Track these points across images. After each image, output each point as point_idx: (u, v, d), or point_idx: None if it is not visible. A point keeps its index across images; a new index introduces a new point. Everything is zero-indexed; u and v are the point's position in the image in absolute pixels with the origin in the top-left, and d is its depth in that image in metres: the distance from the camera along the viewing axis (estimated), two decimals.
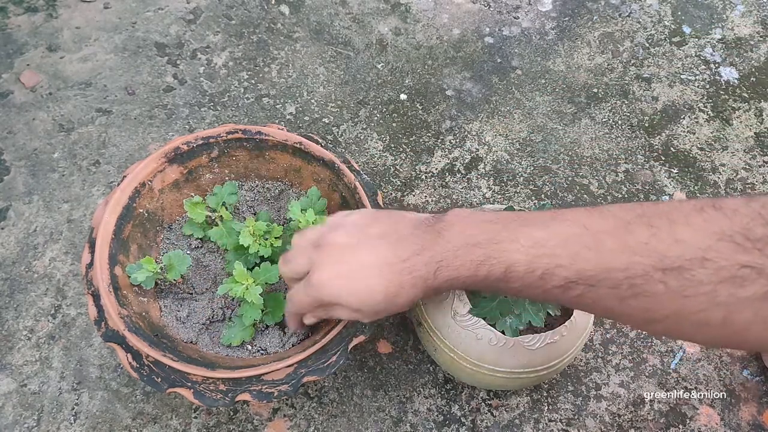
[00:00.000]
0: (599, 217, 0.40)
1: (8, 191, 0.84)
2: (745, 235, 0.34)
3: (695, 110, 1.00)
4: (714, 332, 0.37)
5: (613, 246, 0.38)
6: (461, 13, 1.08)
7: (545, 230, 0.41)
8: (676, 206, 0.38)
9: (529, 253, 0.41)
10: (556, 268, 0.40)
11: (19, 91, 0.93)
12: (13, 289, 0.77)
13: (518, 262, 0.42)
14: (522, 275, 0.42)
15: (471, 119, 0.96)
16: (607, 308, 0.40)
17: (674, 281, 0.36)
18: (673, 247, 0.36)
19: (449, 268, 0.45)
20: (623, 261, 0.38)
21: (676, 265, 0.36)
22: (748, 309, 0.34)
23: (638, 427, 0.73)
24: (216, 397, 0.57)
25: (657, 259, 0.36)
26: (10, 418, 0.69)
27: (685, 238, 0.36)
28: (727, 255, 0.34)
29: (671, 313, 0.37)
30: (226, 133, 0.69)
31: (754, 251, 0.34)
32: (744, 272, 0.34)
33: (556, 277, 0.41)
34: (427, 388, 0.74)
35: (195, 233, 0.70)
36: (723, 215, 0.35)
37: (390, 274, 0.46)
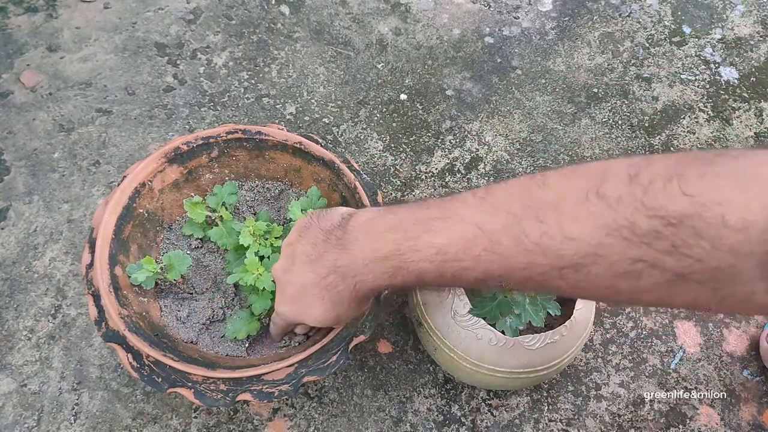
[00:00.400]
0: (491, 212, 0.40)
1: (8, 191, 0.84)
2: (631, 230, 0.34)
3: (695, 110, 1.00)
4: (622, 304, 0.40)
5: (510, 246, 0.39)
6: (461, 13, 1.08)
7: (444, 235, 0.42)
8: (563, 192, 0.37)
9: (434, 260, 0.42)
10: (463, 271, 0.41)
11: (19, 91, 0.93)
12: (13, 289, 0.77)
13: (426, 270, 0.43)
14: (434, 279, 0.44)
15: (471, 119, 0.96)
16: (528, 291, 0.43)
17: (573, 277, 0.37)
18: (565, 244, 0.36)
19: (366, 282, 0.47)
20: (522, 261, 0.38)
21: (572, 263, 0.36)
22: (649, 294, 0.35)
23: (638, 427, 0.73)
24: (217, 397, 0.57)
25: (553, 258, 0.37)
26: (10, 418, 0.69)
27: (575, 234, 0.36)
28: (618, 250, 0.35)
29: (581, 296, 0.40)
30: (226, 133, 0.69)
31: (642, 246, 0.34)
32: (637, 266, 0.34)
33: (466, 277, 0.42)
34: (427, 388, 0.74)
35: (195, 233, 0.70)
36: (607, 206, 0.35)
37: (320, 291, 0.49)
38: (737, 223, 0.31)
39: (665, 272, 0.34)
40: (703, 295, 0.34)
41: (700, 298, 0.34)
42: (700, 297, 0.34)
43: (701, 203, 0.32)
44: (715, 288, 0.33)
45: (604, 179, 0.36)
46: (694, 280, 0.33)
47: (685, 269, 0.33)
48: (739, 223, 0.31)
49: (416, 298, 0.67)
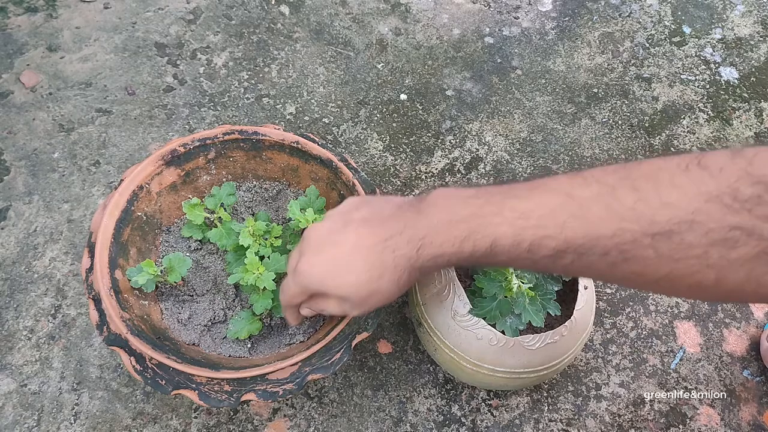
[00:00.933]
0: (583, 183, 0.39)
1: (8, 191, 0.84)
2: (733, 196, 0.33)
3: (695, 110, 1.00)
4: (708, 293, 0.36)
5: (600, 213, 0.37)
6: (461, 13, 1.08)
7: (529, 201, 0.40)
8: (661, 165, 0.37)
9: (515, 225, 0.40)
10: (543, 239, 0.39)
11: (19, 91, 0.93)
12: (13, 289, 0.77)
13: (504, 235, 0.41)
14: (508, 248, 0.41)
15: (471, 119, 0.96)
16: (600, 273, 0.39)
17: (664, 245, 0.35)
18: (660, 210, 0.35)
19: (433, 245, 0.44)
20: (611, 228, 0.37)
21: (665, 230, 0.35)
22: (740, 270, 0.34)
23: (638, 427, 0.73)
24: (221, 397, 0.57)
25: (645, 224, 0.36)
26: (10, 418, 0.69)
27: (672, 200, 0.35)
28: (716, 217, 0.34)
29: (664, 276, 0.37)
30: (223, 134, 0.69)
31: (743, 212, 0.33)
32: (734, 234, 0.33)
33: (544, 248, 0.40)
34: (427, 388, 0.74)
35: (194, 235, 0.70)
36: (709, 174, 0.34)
37: (372, 255, 0.45)
38: None
39: (762, 241, 0.33)
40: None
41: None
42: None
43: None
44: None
45: (705, 155, 0.35)
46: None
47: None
48: None
49: (416, 298, 0.68)
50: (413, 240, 0.44)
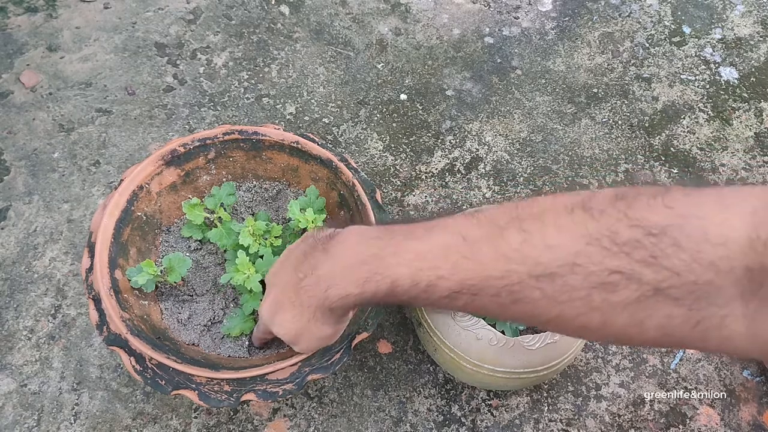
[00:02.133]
0: (476, 224, 0.40)
1: (8, 191, 0.84)
2: (611, 239, 0.34)
3: (695, 110, 1.00)
4: (596, 335, 0.37)
5: (489, 253, 0.38)
6: (461, 13, 1.08)
7: (426, 242, 0.42)
8: (549, 206, 0.38)
9: (412, 266, 0.42)
10: (438, 280, 0.40)
11: (19, 91, 0.93)
12: (13, 289, 0.77)
13: (402, 276, 0.42)
14: (407, 289, 0.42)
15: (471, 119, 0.96)
16: (495, 314, 0.40)
17: (549, 287, 0.36)
18: (544, 253, 0.36)
19: (338, 287, 0.46)
20: (499, 269, 0.38)
21: (549, 272, 0.36)
22: (623, 313, 0.34)
23: (638, 428, 0.73)
24: (221, 398, 0.57)
25: (530, 266, 0.36)
26: (10, 418, 0.69)
27: (556, 242, 0.36)
28: (597, 260, 0.34)
29: (553, 318, 0.37)
30: (223, 134, 0.69)
31: (621, 255, 0.34)
32: (614, 278, 0.34)
33: (439, 288, 0.41)
34: (427, 388, 0.74)
35: (194, 235, 0.70)
36: (590, 217, 0.35)
37: (294, 296, 0.49)
38: (718, 238, 0.32)
39: (642, 285, 0.33)
40: (678, 317, 0.33)
41: (674, 320, 0.33)
42: (674, 319, 0.33)
43: (683, 215, 0.32)
44: (691, 308, 0.33)
45: (591, 197, 0.36)
46: (670, 296, 0.33)
47: (662, 282, 0.33)
48: (719, 237, 0.32)
49: None
50: (321, 281, 0.47)
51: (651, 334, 0.35)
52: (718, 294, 0.32)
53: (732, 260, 0.31)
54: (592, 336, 0.37)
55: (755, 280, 0.31)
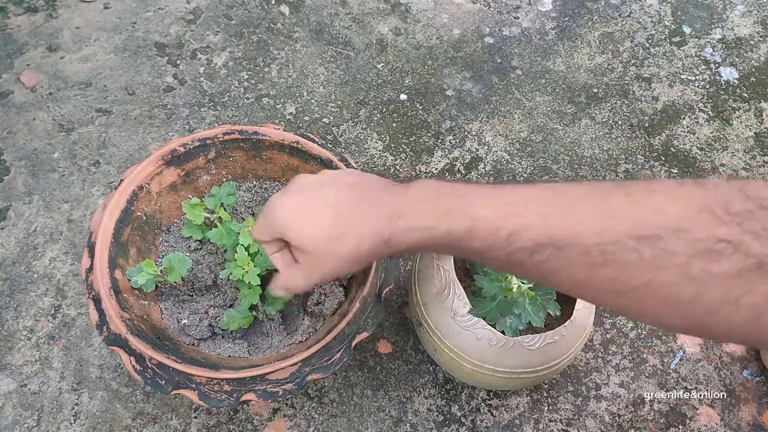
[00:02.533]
0: (576, 184, 0.39)
1: (8, 191, 0.84)
2: (724, 209, 0.33)
3: (695, 110, 1.00)
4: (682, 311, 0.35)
5: (588, 210, 0.36)
6: (461, 13, 1.08)
7: (517, 193, 0.40)
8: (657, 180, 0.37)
9: (498, 209, 0.39)
10: (524, 229, 0.38)
11: (19, 91, 0.93)
12: (13, 289, 0.77)
13: (485, 217, 0.39)
14: (486, 234, 0.39)
15: (471, 119, 0.96)
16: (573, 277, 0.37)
17: (648, 250, 0.34)
18: (649, 215, 0.35)
19: (410, 217, 0.42)
20: (597, 225, 0.36)
21: (651, 234, 0.34)
22: (720, 287, 0.33)
23: (638, 428, 0.73)
24: (221, 397, 0.57)
25: (632, 226, 0.35)
26: (10, 418, 0.69)
27: (663, 207, 0.34)
28: (705, 227, 0.33)
29: (641, 285, 0.35)
30: (223, 134, 0.69)
31: (732, 225, 0.33)
32: (720, 246, 0.33)
33: (523, 239, 0.38)
34: (427, 388, 0.74)
35: (194, 235, 0.70)
36: (704, 190, 0.34)
37: (342, 214, 0.44)
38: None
39: (747, 257, 0.32)
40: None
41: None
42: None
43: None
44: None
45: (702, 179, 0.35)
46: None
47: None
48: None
49: (416, 298, 0.68)
50: (391, 209, 0.43)
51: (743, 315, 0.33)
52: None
53: None
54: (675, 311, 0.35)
55: None
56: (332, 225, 0.44)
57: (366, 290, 0.61)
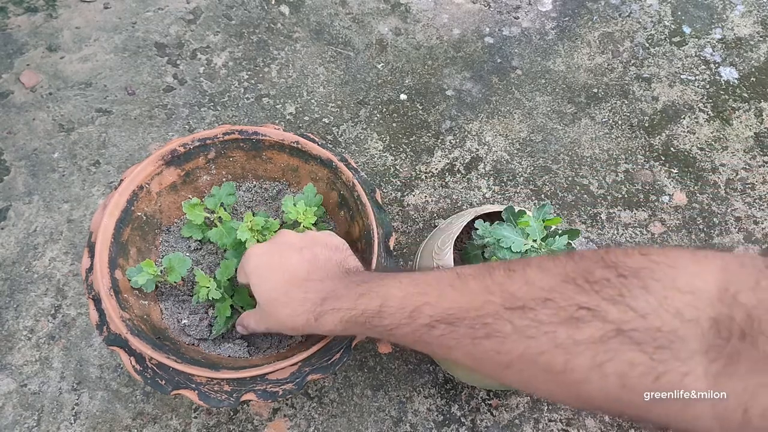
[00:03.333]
0: (471, 267, 0.43)
1: (8, 191, 0.84)
2: (585, 277, 0.35)
3: (695, 110, 1.00)
4: (558, 380, 0.36)
5: (474, 286, 0.41)
6: (461, 13, 1.08)
7: (423, 275, 0.45)
8: (535, 256, 0.41)
9: (405, 290, 0.44)
10: (424, 306, 0.42)
11: (19, 91, 0.93)
12: (13, 289, 0.77)
13: (393, 296, 0.45)
14: (393, 312, 0.44)
15: (471, 119, 0.96)
16: (466, 352, 0.41)
17: (519, 320, 0.37)
18: (522, 287, 0.38)
19: (335, 300, 0.49)
20: (480, 300, 0.39)
21: (520, 305, 0.37)
22: (586, 353, 0.34)
23: (638, 427, 0.73)
24: (221, 398, 0.57)
25: (506, 298, 0.38)
26: (10, 418, 0.69)
27: (534, 279, 0.38)
28: (568, 296, 0.35)
29: (519, 356, 0.37)
30: (223, 134, 0.69)
31: (591, 292, 0.35)
32: (581, 313, 0.35)
33: (423, 315, 0.42)
34: (427, 388, 0.74)
35: (194, 235, 0.70)
36: (572, 260, 0.37)
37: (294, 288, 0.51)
38: (687, 287, 0.32)
39: (606, 324, 0.34)
40: (639, 365, 0.33)
41: (635, 368, 0.33)
42: (636, 368, 0.33)
43: (656, 262, 0.34)
44: (653, 357, 0.32)
45: (578, 252, 0.39)
46: (633, 340, 0.33)
47: (626, 323, 0.33)
48: (689, 286, 0.32)
49: None
50: (324, 293, 0.50)
51: (611, 383, 0.34)
52: (682, 346, 0.32)
53: (699, 310, 0.32)
54: (551, 381, 0.37)
55: (722, 335, 0.31)
56: (283, 293, 0.52)
57: None
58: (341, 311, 0.48)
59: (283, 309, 0.52)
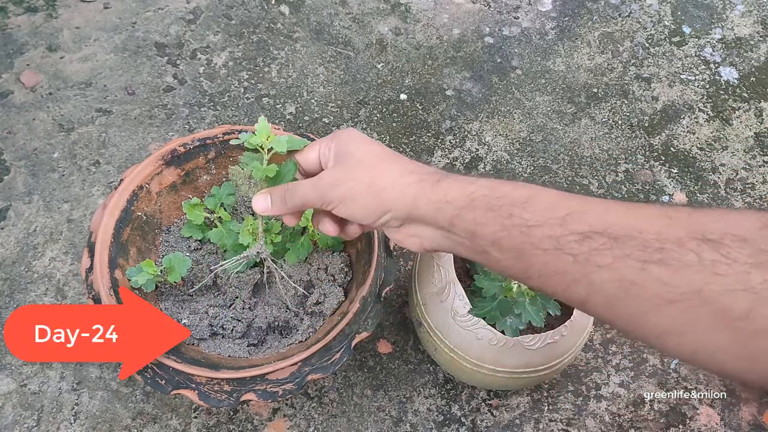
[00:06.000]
0: None
1: (8, 191, 0.84)
2: None
3: (695, 110, 1.00)
4: (730, 327, 0.32)
5: (650, 212, 0.36)
6: (461, 13, 1.08)
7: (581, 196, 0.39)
8: None
9: (556, 193, 0.39)
10: (582, 214, 0.36)
11: (19, 91, 0.93)
12: (13, 289, 0.77)
13: (544, 194, 0.38)
14: (543, 209, 0.38)
15: (471, 119, 0.96)
16: (621, 276, 0.35)
17: (708, 254, 0.32)
18: (717, 222, 0.34)
19: (450, 180, 0.43)
20: (659, 224, 0.34)
21: (714, 238, 0.33)
22: None
23: (638, 427, 0.73)
24: (221, 397, 0.57)
25: (695, 230, 0.33)
26: (10, 418, 0.69)
27: (731, 218, 0.34)
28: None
29: (694, 292, 0.32)
30: (223, 134, 0.69)
31: None
32: None
33: (580, 222, 0.36)
34: (427, 388, 0.74)
35: (194, 235, 0.70)
36: (762, 214, 0.34)
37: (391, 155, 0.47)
38: None
39: None
40: None
41: None
42: None
43: None
44: None
45: None
46: None
47: None
48: None
49: (416, 298, 0.67)
50: (437, 173, 0.45)
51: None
52: None
53: None
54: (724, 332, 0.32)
55: None
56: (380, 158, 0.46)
57: (366, 290, 0.61)
58: (472, 185, 0.41)
59: (383, 174, 0.45)
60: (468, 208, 0.41)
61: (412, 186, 0.44)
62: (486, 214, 0.40)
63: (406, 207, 0.44)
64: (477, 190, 0.41)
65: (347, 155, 0.48)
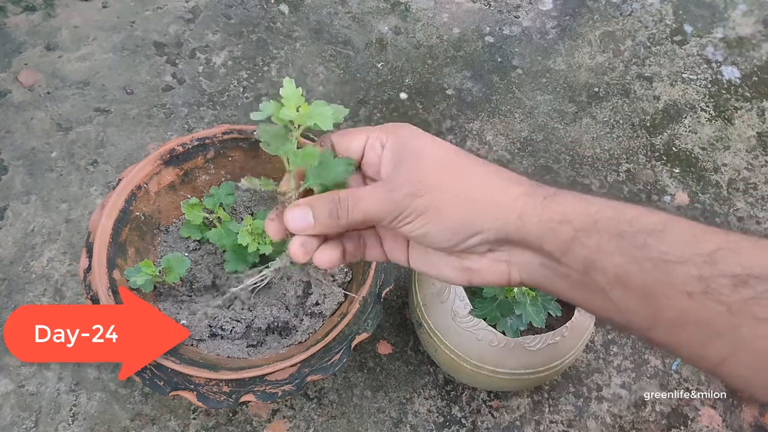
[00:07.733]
0: None
1: (6, 191, 0.84)
2: None
3: (697, 110, 1.00)
4: None
5: None
6: (461, 12, 1.08)
7: None
8: None
9: (692, 223, 0.33)
10: (733, 252, 0.31)
11: (17, 90, 0.92)
12: (11, 290, 0.77)
13: (671, 222, 0.33)
14: (681, 243, 0.32)
15: (471, 118, 0.96)
16: None
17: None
18: None
19: (566, 195, 0.34)
20: None
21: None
22: None
23: (639, 429, 0.73)
24: (220, 399, 0.56)
25: None
26: (8, 419, 0.69)
27: None
28: None
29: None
30: (222, 134, 0.69)
31: None
32: None
33: (730, 262, 0.30)
34: (428, 389, 0.74)
35: (193, 235, 0.69)
36: None
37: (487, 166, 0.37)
38: None
39: None
40: None
41: None
42: None
43: None
44: None
45: None
46: None
47: None
48: None
49: (416, 299, 0.67)
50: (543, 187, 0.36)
51: None
52: None
53: None
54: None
55: None
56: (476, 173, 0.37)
57: (366, 291, 0.61)
58: (593, 204, 0.33)
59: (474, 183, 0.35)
60: (589, 231, 0.33)
61: (519, 200, 0.35)
62: (611, 242, 0.32)
63: (507, 226, 0.35)
64: (600, 211, 0.33)
65: (417, 155, 0.38)
